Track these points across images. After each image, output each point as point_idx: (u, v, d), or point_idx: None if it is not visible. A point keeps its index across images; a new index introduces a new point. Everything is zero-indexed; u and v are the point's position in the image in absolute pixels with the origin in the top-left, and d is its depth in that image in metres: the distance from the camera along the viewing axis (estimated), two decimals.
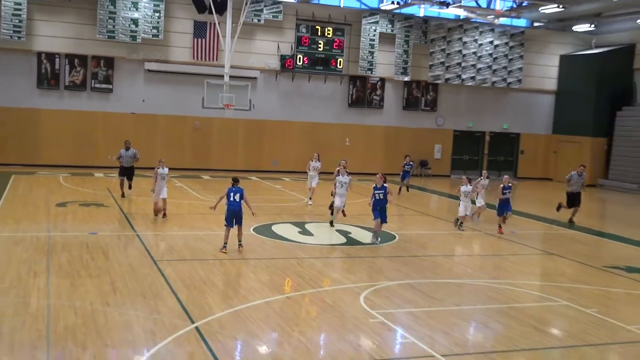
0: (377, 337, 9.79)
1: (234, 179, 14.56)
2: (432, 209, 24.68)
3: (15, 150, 28.93)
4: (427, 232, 19.18)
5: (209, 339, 9.18)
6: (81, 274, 12.16)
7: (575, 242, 18.59)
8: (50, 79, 29.41)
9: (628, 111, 35.17)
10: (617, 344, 10.15)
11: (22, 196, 21.00)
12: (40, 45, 29.17)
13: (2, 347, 8.48)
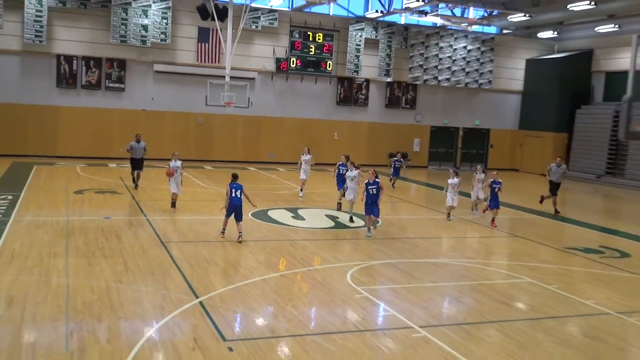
0: (362, 310, 9.83)
1: (234, 175, 14.28)
2: (411, 197, 24.74)
3: (37, 143, 28.83)
4: (407, 217, 19.24)
5: (212, 312, 9.20)
6: (96, 254, 12.15)
7: (539, 226, 18.69)
8: (68, 79, 29.26)
9: (586, 109, 35.31)
10: (575, 316, 10.24)
11: (43, 185, 20.92)
12: (59, 48, 28.99)
13: (27, 319, 8.49)
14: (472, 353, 8.23)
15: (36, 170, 24.32)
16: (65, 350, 7.56)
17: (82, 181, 22.28)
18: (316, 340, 8.37)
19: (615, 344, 9.01)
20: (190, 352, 7.68)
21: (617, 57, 33.93)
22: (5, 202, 17.02)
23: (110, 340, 7.95)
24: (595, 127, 34.05)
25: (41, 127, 28.91)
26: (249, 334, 8.58)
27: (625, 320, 10.06)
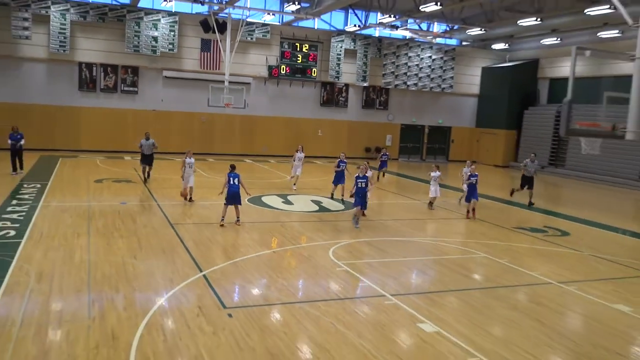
0: (343, 281, 9.87)
1: (232, 165, 14.07)
2: (384, 184, 24.79)
3: (62, 138, 28.51)
4: (380, 202, 19.29)
5: (214, 284, 9.20)
6: (114, 234, 12.08)
7: (492, 209, 18.81)
8: (89, 83, 28.90)
9: (533, 110, 35.52)
10: (522, 285, 10.35)
11: (67, 175, 20.71)
12: (81, 57, 28.61)
13: (54, 291, 8.44)
14: (435, 317, 8.30)
15: (61, 162, 24.06)
16: (88, 317, 7.54)
17: (101, 172, 22.09)
18: (303, 307, 8.40)
19: (555, 308, 9.13)
20: (195, 318, 7.69)
21: (559, 66, 34.14)
22: (35, 190, 16.84)
23: (127, 308, 7.94)
24: (540, 125, 34.28)
25: (66, 125, 28.60)
26: (245, 302, 8.60)
27: (564, 289, 10.20)
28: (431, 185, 17.79)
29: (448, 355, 7.01)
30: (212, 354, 6.61)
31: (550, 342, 7.67)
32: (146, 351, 6.60)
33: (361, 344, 7.19)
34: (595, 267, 12.02)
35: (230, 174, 13.73)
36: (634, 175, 28.06)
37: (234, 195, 13.61)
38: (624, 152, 27.98)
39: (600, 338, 7.93)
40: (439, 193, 17.98)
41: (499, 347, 7.34)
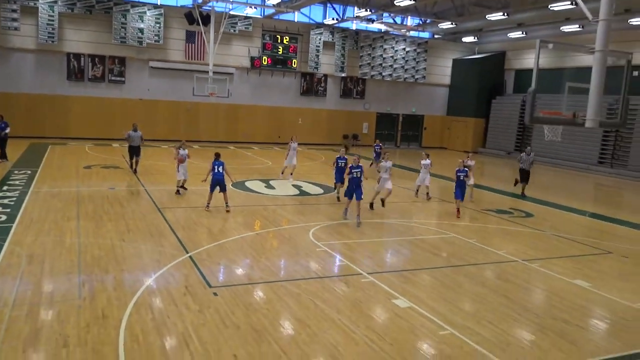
0: (322, 261, 9.89)
1: (216, 154, 13.76)
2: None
3: (52, 126, 27.89)
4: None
5: (200, 264, 9.14)
6: (103, 218, 11.91)
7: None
8: (77, 73, 28.28)
9: (500, 100, 35.77)
10: (490, 263, 10.48)
11: (57, 161, 20.31)
12: (69, 47, 27.95)
13: (45, 272, 8.32)
14: (409, 293, 8.37)
15: (51, 149, 23.60)
16: (78, 297, 7.44)
17: (90, 158, 21.72)
18: (285, 286, 8.40)
19: (520, 284, 9.27)
20: (182, 297, 7.63)
21: (524, 58, 34.38)
22: (25, 176, 16.50)
23: (116, 288, 7.85)
24: (506, 114, 34.57)
25: (55, 113, 27.98)
26: (230, 281, 8.57)
27: (528, 266, 10.35)
28: (421, 173, 17.03)
29: (421, 329, 7.08)
30: (199, 331, 6.58)
31: (515, 315, 7.78)
32: (135, 329, 6.54)
33: (339, 319, 7.21)
34: (557, 245, 12.21)
35: (214, 162, 13.51)
36: (593, 160, 28.52)
37: (218, 182, 13.41)
38: (583, 138, 28.41)
39: (561, 311, 8.07)
40: (429, 182, 16.95)
41: (468, 321, 7.42)
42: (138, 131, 18.63)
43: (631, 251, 12.00)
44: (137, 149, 18.66)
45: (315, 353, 6.23)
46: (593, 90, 11.38)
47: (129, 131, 18.55)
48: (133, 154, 18.66)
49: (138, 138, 18.55)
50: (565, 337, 7.11)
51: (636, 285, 9.59)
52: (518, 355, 6.49)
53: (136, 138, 18.51)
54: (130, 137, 18.47)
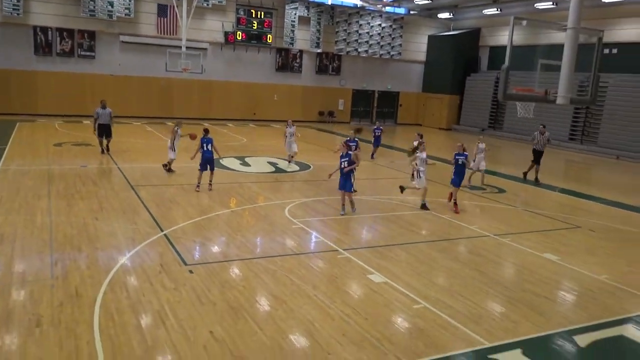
0: (298, 238, 9.94)
1: (205, 130, 13.27)
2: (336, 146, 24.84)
3: (19, 103, 27.10)
4: (333, 163, 19.25)
5: (175, 242, 9.10)
6: (75, 197, 11.72)
7: (435, 169, 19.05)
8: (44, 47, 27.40)
9: (474, 76, 36.00)
10: (463, 238, 10.67)
11: (26, 138, 19.81)
12: (35, 20, 27.02)
13: (16, 252, 8.18)
14: (384, 268, 8.49)
15: (19, 126, 22.97)
16: (51, 276, 7.35)
17: (60, 135, 21.25)
18: (261, 263, 8.43)
19: (492, 258, 9.47)
20: (157, 275, 7.61)
21: (498, 35, 34.55)
22: None
23: (90, 266, 7.78)
24: (481, 90, 34.86)
25: (22, 89, 27.18)
26: (205, 259, 8.55)
27: (500, 241, 10.57)
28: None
29: (395, 303, 7.20)
30: (174, 309, 6.58)
31: (487, 289, 7.97)
32: (110, 307, 6.51)
33: (315, 295, 7.29)
34: (528, 220, 12.48)
35: (203, 139, 13.04)
36: (564, 137, 29.04)
37: (208, 161, 13.01)
38: (555, 115, 28.84)
39: (531, 284, 8.30)
40: None
41: (441, 295, 7.58)
42: (107, 108, 17.32)
43: (599, 225, 12.34)
44: (107, 127, 17.39)
45: (291, 329, 6.30)
46: (565, 67, 11.54)
47: (97, 108, 17.32)
48: (103, 133, 17.35)
49: (107, 116, 17.22)
50: (535, 309, 7.32)
51: (602, 258, 9.89)
52: (489, 326, 6.67)
53: (105, 116, 17.19)
54: (99, 115, 17.17)
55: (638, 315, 7.41)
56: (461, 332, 6.49)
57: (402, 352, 5.91)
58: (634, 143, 25.61)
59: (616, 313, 7.41)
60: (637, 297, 8.06)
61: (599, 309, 7.52)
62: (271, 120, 32.84)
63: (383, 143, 21.16)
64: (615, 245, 10.81)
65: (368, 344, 6.03)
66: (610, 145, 26.60)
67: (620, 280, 8.68)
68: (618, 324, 7.10)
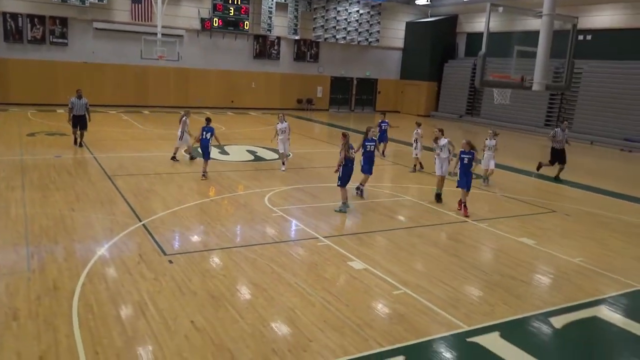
0: (278, 226, 9.94)
1: (207, 119, 13.58)
2: (315, 134, 24.86)
3: None
4: (312, 150, 19.34)
5: (154, 232, 9.03)
6: (50, 187, 11.53)
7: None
8: (15, 34, 26.73)
9: (452, 63, 36.21)
10: (442, 224, 10.79)
11: None
12: (4, 6, 26.32)
13: None
14: (364, 255, 8.56)
15: None
16: (27, 269, 7.24)
17: (33, 125, 20.81)
18: (241, 251, 8.43)
19: (470, 243, 9.61)
20: (137, 265, 7.55)
21: (475, 21, 34.77)
22: None
23: (67, 258, 7.68)
24: (458, 77, 35.10)
25: None
26: (185, 248, 8.51)
27: (478, 226, 10.72)
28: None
29: (375, 289, 7.28)
30: (154, 299, 6.55)
31: (465, 274, 8.10)
32: (89, 299, 6.45)
33: (296, 282, 7.32)
34: (505, 205, 12.67)
35: (204, 128, 13.32)
36: (540, 123, 29.47)
37: (204, 148, 13.31)
38: (531, 101, 29.24)
39: (508, 268, 8.45)
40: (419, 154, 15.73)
41: (421, 280, 7.68)
42: (83, 98, 16.48)
43: (573, 209, 12.60)
44: (82, 119, 16.48)
45: (272, 316, 6.33)
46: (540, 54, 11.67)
47: (72, 98, 16.43)
48: (77, 125, 16.45)
49: (83, 106, 16.38)
50: (512, 292, 7.47)
51: (576, 241, 10.11)
52: (468, 310, 6.78)
53: (80, 106, 16.34)
54: (74, 105, 16.31)
55: (611, 296, 7.61)
56: (440, 316, 6.59)
57: (382, 337, 5.98)
58: (607, 128, 26.11)
59: (590, 294, 7.60)
60: (610, 278, 8.28)
61: (573, 290, 7.71)
62: (249, 108, 32.66)
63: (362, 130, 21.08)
64: (588, 229, 11.06)
65: (349, 330, 6.09)
66: (584, 130, 27.07)
67: (594, 263, 8.90)
68: (592, 305, 7.29)
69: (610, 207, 13.20)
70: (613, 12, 27.13)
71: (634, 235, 10.90)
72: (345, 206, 11.13)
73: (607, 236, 10.63)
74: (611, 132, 25.86)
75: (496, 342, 6.11)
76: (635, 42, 26.18)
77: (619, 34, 26.86)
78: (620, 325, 6.78)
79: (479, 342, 6.05)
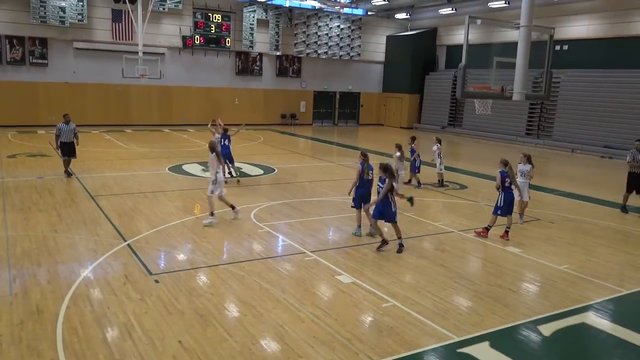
0: (265, 242, 9.89)
1: (224, 129, 13.93)
2: (300, 148, 24.88)
3: None
4: (297, 165, 19.34)
5: (139, 252, 8.93)
6: (32, 209, 11.36)
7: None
8: None
9: (433, 75, 36.58)
10: (428, 235, 10.82)
11: None
12: None
13: None
14: (351, 268, 8.53)
15: None
16: (9, 293, 7.09)
17: (13, 147, 20.55)
18: (228, 269, 8.35)
19: (457, 253, 9.64)
20: (122, 286, 7.44)
21: (454, 34, 35.24)
22: None
23: (50, 281, 7.54)
24: (439, 89, 35.45)
25: None
26: (171, 267, 8.41)
27: (464, 236, 10.76)
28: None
29: (364, 303, 7.25)
30: (141, 320, 6.45)
31: (453, 284, 8.11)
32: (73, 321, 6.33)
33: (285, 298, 7.27)
34: (489, 214, 12.72)
35: (222, 136, 13.92)
36: (521, 132, 29.84)
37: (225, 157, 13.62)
38: (511, 111, 29.63)
39: (495, 277, 8.49)
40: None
41: (409, 292, 7.67)
42: (71, 123, 14.92)
43: (557, 217, 12.73)
44: (71, 146, 14.99)
45: (261, 333, 6.26)
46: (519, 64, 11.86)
47: (59, 123, 14.98)
48: (67, 153, 15.00)
49: (71, 132, 14.87)
50: (500, 301, 7.49)
51: (561, 249, 10.20)
52: (457, 321, 6.78)
53: (69, 132, 14.83)
54: (61, 132, 14.82)
55: (597, 302, 7.67)
56: (430, 328, 6.58)
57: (372, 350, 5.95)
58: (587, 136, 26.51)
59: (577, 301, 7.65)
60: (596, 284, 8.35)
61: (561, 298, 7.75)
62: (233, 125, 32.59)
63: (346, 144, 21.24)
64: (572, 236, 11.17)
65: (339, 345, 6.05)
66: (564, 139, 27.46)
67: (580, 270, 8.97)
68: (580, 311, 7.33)
69: (593, 213, 13.36)
70: (588, 22, 27.71)
71: (618, 240, 11.03)
72: (359, 229, 10.42)
73: (591, 242, 10.74)
74: (591, 139, 26.26)
75: (486, 352, 6.11)
76: (610, 51, 26.74)
77: (595, 43, 27.42)
78: (608, 331, 6.82)
79: (470, 353, 6.04)
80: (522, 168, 12.05)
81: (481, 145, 28.49)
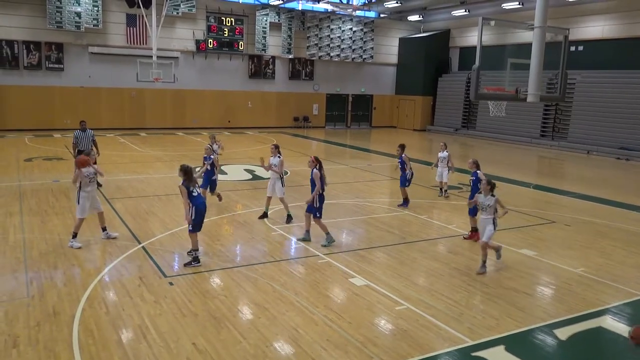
0: (278, 244, 9.91)
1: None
2: (313, 151, 24.88)
3: None
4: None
5: (153, 254, 8.99)
6: (48, 212, 11.49)
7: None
8: (11, 61, 26.86)
9: (446, 77, 36.44)
10: (441, 238, 10.76)
11: None
12: (0, 34, 26.51)
13: None
14: (364, 271, 8.51)
15: None
16: (27, 295, 7.18)
17: (30, 150, 20.82)
18: (241, 271, 8.38)
19: (470, 256, 9.57)
20: (137, 288, 7.50)
21: (468, 35, 35.07)
22: None
23: (66, 283, 7.62)
24: (452, 91, 35.29)
25: None
26: (185, 270, 8.45)
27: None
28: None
29: (378, 306, 7.22)
30: (155, 322, 6.49)
31: (467, 287, 8.05)
32: (89, 324, 6.39)
33: (298, 300, 7.27)
34: (504, 217, 12.59)
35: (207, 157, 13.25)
36: (535, 134, 29.58)
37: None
38: (526, 112, 29.37)
39: (510, 280, 8.41)
40: (447, 177, 14.38)
41: (422, 295, 7.63)
42: (88, 130, 14.14)
43: (573, 219, 12.59)
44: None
45: (275, 336, 6.27)
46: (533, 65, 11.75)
47: (76, 131, 14.25)
48: None
49: (89, 139, 14.02)
50: (515, 305, 7.42)
51: (578, 252, 10.08)
52: (471, 324, 6.73)
53: (86, 140, 13.99)
54: (79, 140, 14.01)
55: (614, 306, 7.57)
56: (444, 331, 6.54)
57: (386, 354, 5.93)
58: (603, 137, 26.21)
59: (594, 305, 7.56)
60: (613, 288, 8.24)
61: (577, 301, 7.66)
62: (246, 128, 32.74)
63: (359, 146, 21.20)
64: (589, 239, 11.04)
65: (352, 348, 6.03)
66: (580, 140, 27.17)
67: (596, 273, 8.86)
68: (596, 315, 7.24)
69: (610, 216, 13.20)
70: (603, 22, 27.43)
71: (635, 243, 10.88)
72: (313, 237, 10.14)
73: (608, 245, 10.61)
74: (607, 141, 25.95)
75: (502, 355, 6.05)
76: (626, 52, 26.43)
77: (610, 44, 27.13)
78: (625, 335, 6.72)
79: (485, 357, 5.99)
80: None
81: (495, 147, 28.27)
